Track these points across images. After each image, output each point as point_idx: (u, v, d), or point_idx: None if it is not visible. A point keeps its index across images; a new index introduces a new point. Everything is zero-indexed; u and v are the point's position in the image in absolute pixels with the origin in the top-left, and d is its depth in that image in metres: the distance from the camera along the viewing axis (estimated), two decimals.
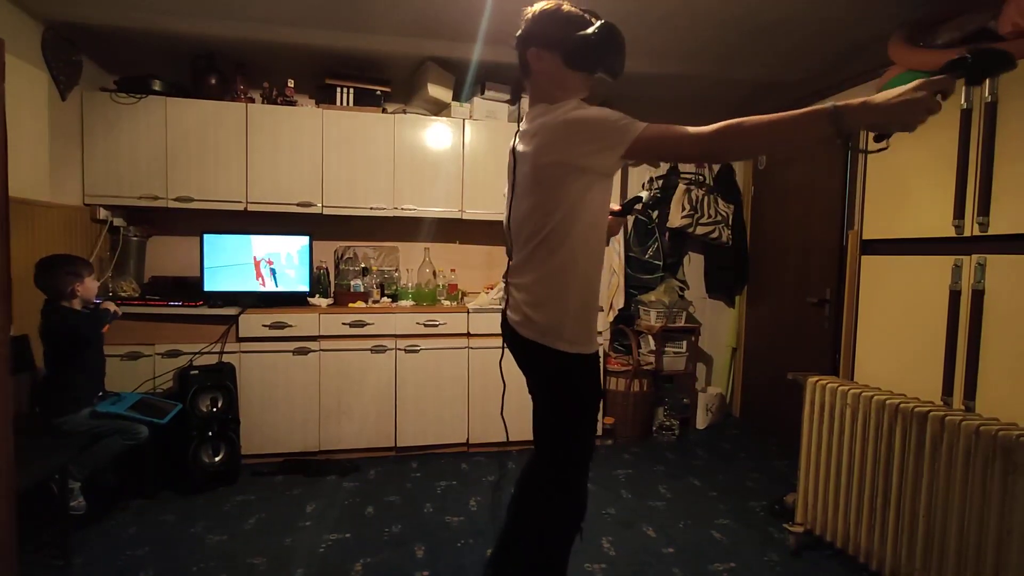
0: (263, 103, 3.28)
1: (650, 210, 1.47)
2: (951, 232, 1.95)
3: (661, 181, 3.99)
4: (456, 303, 3.46)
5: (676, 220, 3.84)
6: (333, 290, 3.47)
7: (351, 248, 3.59)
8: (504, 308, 1.54)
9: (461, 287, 3.63)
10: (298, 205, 3.26)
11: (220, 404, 2.83)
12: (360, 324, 3.14)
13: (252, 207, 3.21)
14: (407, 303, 3.35)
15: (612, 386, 3.61)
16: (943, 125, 1.98)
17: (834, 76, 3.28)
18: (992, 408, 1.80)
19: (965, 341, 1.89)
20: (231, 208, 3.20)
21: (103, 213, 3.12)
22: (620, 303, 3.80)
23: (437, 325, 3.23)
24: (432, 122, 3.41)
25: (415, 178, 3.39)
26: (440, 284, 3.53)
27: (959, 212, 1.92)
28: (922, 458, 1.83)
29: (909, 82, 1.04)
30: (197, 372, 2.81)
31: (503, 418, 1.78)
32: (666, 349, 3.75)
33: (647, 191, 1.49)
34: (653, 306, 3.71)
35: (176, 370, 2.91)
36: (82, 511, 2.34)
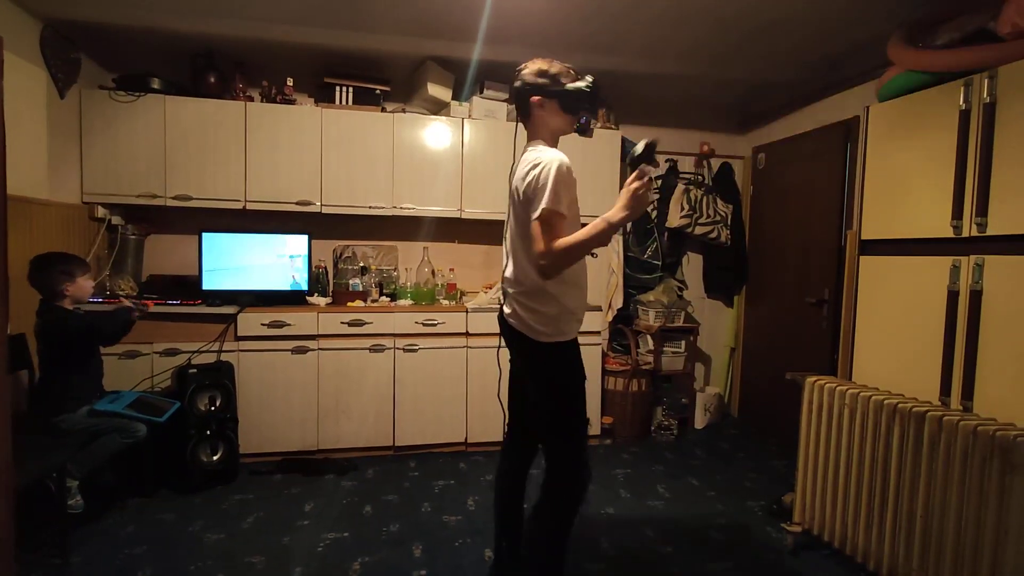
0: (262, 102, 3.28)
1: (642, 161, 1.60)
2: (949, 233, 1.95)
3: (660, 181, 4.00)
4: (455, 302, 3.46)
5: (675, 220, 3.85)
6: (332, 289, 3.46)
7: (350, 247, 3.59)
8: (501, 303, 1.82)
9: (460, 286, 3.63)
10: (297, 204, 3.26)
11: (218, 403, 2.82)
12: (359, 323, 3.14)
13: (251, 206, 3.21)
14: (406, 302, 3.35)
15: (610, 386, 3.61)
16: (942, 126, 1.98)
17: (834, 76, 3.28)
18: (990, 408, 1.81)
19: (963, 341, 1.90)
20: (230, 207, 3.19)
21: (101, 211, 3.12)
22: (619, 303, 3.80)
23: (436, 324, 3.23)
24: (431, 121, 3.41)
25: (414, 177, 3.39)
26: (439, 283, 3.53)
27: (957, 213, 1.93)
28: (920, 458, 1.84)
29: (907, 84, 1.10)
30: (195, 371, 2.81)
31: (500, 400, 1.95)
32: (665, 349, 3.75)
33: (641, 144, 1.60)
34: (652, 306, 3.72)
35: (174, 368, 2.91)
36: (80, 510, 2.34)
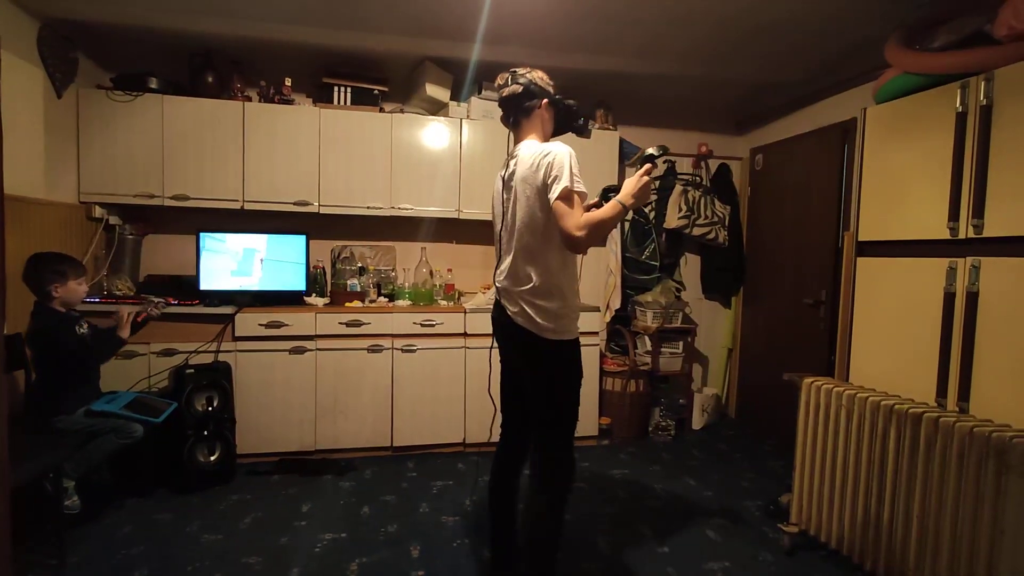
0: (260, 102, 3.27)
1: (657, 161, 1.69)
2: (946, 234, 1.96)
3: (658, 182, 4.00)
4: (453, 303, 3.46)
5: (673, 221, 3.85)
6: (330, 289, 3.46)
7: (348, 247, 3.59)
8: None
9: (458, 287, 3.63)
10: (295, 204, 3.25)
11: (216, 403, 2.82)
12: (357, 323, 3.14)
13: (248, 206, 3.21)
14: (404, 303, 3.35)
15: (608, 386, 3.61)
16: (938, 128, 1.99)
17: (831, 78, 3.29)
18: (986, 409, 1.81)
19: (959, 343, 1.90)
20: (227, 207, 3.19)
21: (99, 211, 3.11)
22: (617, 304, 3.80)
23: (434, 325, 3.23)
24: (430, 122, 3.41)
25: (412, 177, 3.39)
26: (437, 284, 3.52)
27: (954, 214, 1.93)
28: (916, 459, 1.84)
29: (904, 86, 1.10)
30: (193, 371, 2.80)
31: (490, 395, 2.00)
32: (662, 350, 3.76)
33: (655, 149, 1.71)
34: (650, 307, 3.72)
35: (172, 369, 2.91)
36: (77, 510, 2.33)
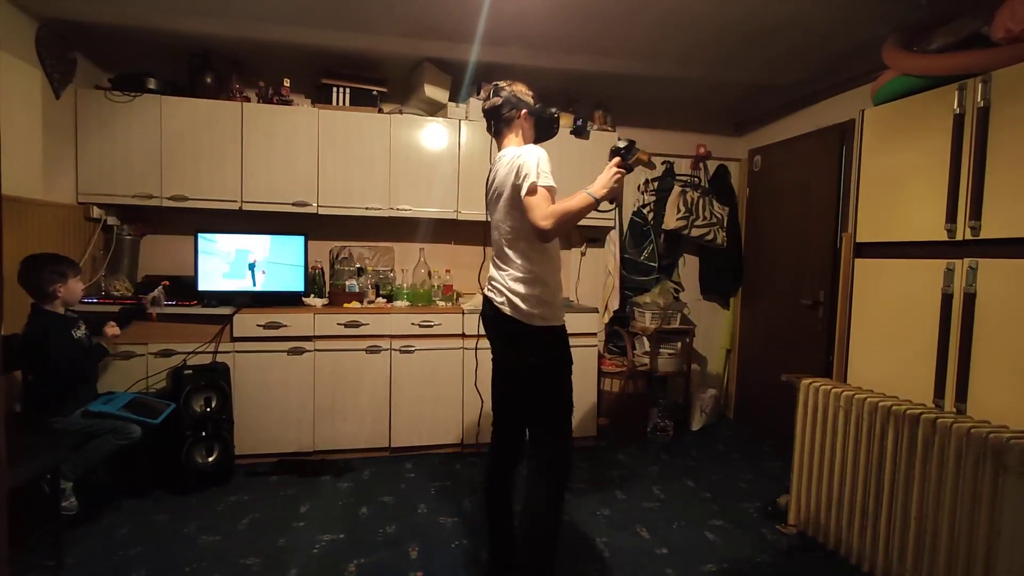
0: (259, 102, 3.27)
1: (626, 155, 1.70)
2: (943, 236, 1.96)
3: (656, 183, 4.01)
4: (451, 304, 3.46)
5: (671, 222, 3.85)
6: (328, 290, 3.46)
7: (346, 248, 3.59)
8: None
9: (456, 288, 3.63)
10: (293, 205, 3.25)
11: (214, 404, 2.82)
12: (355, 324, 3.14)
13: (247, 206, 3.20)
14: (402, 303, 3.35)
15: (606, 387, 3.62)
16: (936, 130, 2.00)
17: (830, 79, 3.29)
18: (983, 410, 1.82)
19: (957, 344, 1.91)
20: (226, 207, 3.18)
21: (97, 212, 3.11)
22: (615, 304, 3.81)
23: (432, 326, 3.23)
24: (428, 122, 3.41)
25: (411, 178, 3.39)
26: (435, 285, 3.52)
27: (951, 216, 1.94)
28: (914, 460, 1.84)
29: (902, 88, 1.11)
30: (191, 372, 2.80)
31: (477, 389, 2.06)
32: (661, 350, 3.76)
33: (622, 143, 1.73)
34: (648, 307, 3.72)
35: (169, 369, 2.90)
36: (74, 511, 2.32)
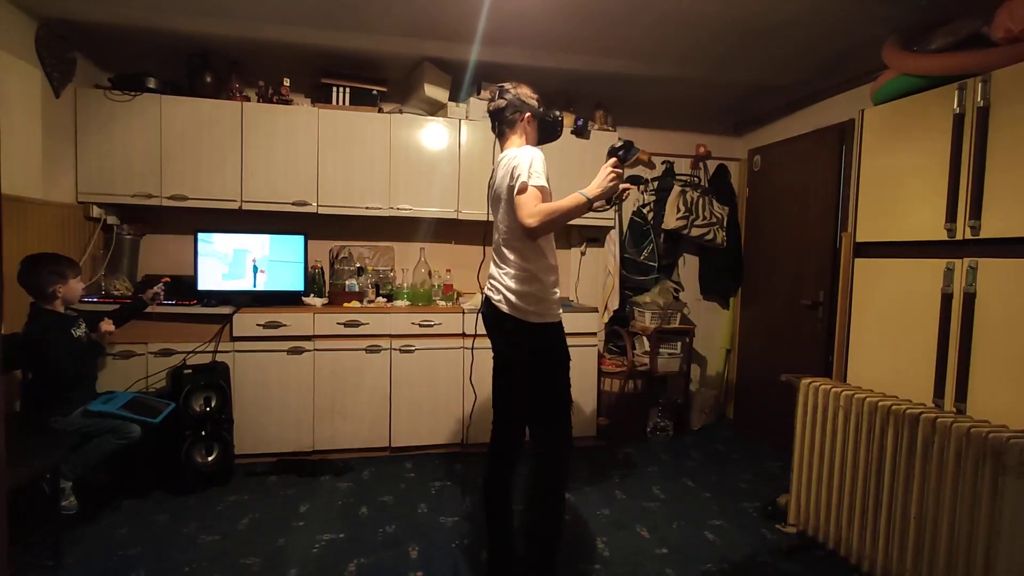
0: (259, 102, 3.27)
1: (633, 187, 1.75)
2: (943, 236, 1.97)
3: (656, 183, 4.01)
4: (451, 303, 3.46)
5: (671, 222, 3.85)
6: (328, 290, 3.45)
7: (346, 248, 3.58)
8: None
9: (456, 287, 3.63)
10: (293, 204, 3.25)
11: (213, 403, 2.81)
12: (355, 324, 3.13)
13: (247, 206, 3.20)
14: (402, 303, 3.35)
15: (606, 387, 3.62)
16: (936, 130, 2.00)
17: (830, 79, 3.29)
18: (983, 410, 1.82)
19: (956, 344, 1.91)
20: (225, 207, 3.18)
21: (96, 211, 3.11)
22: (615, 304, 3.81)
23: (432, 325, 3.23)
24: (428, 122, 3.41)
25: (411, 178, 3.39)
26: (435, 284, 3.52)
27: (951, 216, 1.94)
28: (913, 460, 1.84)
29: (902, 87, 1.10)
30: (190, 371, 2.80)
31: (471, 384, 2.14)
32: (660, 350, 3.76)
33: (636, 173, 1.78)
34: (648, 307, 3.72)
35: (169, 369, 2.90)
36: (74, 511, 2.32)
